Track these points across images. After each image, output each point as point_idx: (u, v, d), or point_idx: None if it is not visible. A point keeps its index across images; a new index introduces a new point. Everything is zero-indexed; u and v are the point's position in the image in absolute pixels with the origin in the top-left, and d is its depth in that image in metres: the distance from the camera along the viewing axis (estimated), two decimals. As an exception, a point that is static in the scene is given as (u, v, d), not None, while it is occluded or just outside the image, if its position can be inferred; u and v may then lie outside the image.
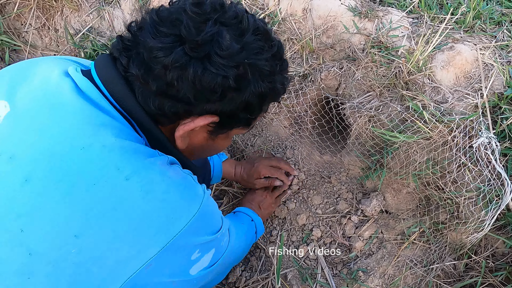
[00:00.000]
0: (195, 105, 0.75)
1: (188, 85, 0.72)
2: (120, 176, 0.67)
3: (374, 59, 1.50)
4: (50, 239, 0.63)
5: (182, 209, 0.72)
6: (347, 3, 1.66)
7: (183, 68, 0.70)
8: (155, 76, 0.72)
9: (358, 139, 1.53)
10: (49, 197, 0.64)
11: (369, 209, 1.54)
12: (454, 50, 1.43)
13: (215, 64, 0.71)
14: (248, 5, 1.78)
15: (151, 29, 0.72)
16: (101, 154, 0.67)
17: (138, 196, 0.67)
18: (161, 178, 0.71)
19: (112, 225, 0.65)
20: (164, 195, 0.70)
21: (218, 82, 0.72)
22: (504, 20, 1.59)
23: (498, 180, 1.26)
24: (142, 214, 0.67)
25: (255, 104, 0.80)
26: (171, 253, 0.70)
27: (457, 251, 1.41)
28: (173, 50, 0.70)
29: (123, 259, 0.66)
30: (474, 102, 1.36)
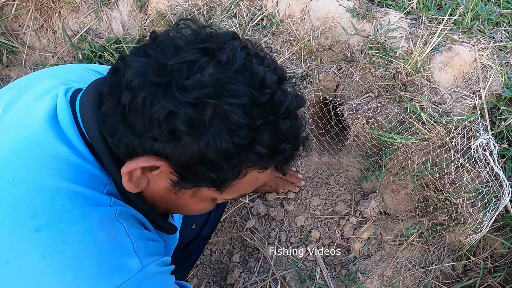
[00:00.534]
0: (144, 141, 0.62)
1: (137, 112, 0.60)
2: (31, 225, 0.56)
3: (372, 60, 1.51)
4: None
5: (88, 285, 0.57)
6: (345, 4, 1.66)
7: (136, 91, 0.59)
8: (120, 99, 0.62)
9: (356, 140, 1.53)
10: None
11: (368, 210, 1.54)
12: (452, 51, 1.43)
13: (169, 95, 0.58)
14: (246, 6, 1.78)
15: (138, 51, 0.64)
16: (25, 193, 0.58)
17: (40, 256, 0.55)
18: (81, 237, 0.58)
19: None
20: (71, 262, 0.56)
21: (163, 116, 0.58)
22: (502, 21, 1.59)
23: (496, 181, 1.25)
24: (34, 277, 0.55)
25: (218, 162, 0.62)
26: None
27: (455, 252, 1.41)
28: (144, 71, 0.60)
29: None
30: (472, 103, 1.36)
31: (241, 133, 0.60)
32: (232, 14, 1.79)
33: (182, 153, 0.61)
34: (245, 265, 1.59)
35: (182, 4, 1.84)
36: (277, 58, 1.70)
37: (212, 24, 1.78)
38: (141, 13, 1.91)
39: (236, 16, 1.78)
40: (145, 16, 1.90)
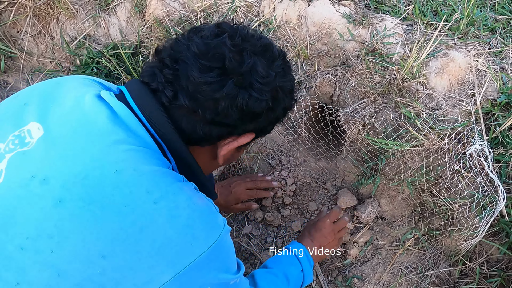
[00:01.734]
0: (238, 128, 0.84)
1: (237, 111, 0.80)
2: (149, 199, 0.70)
3: (369, 66, 1.51)
4: (79, 260, 0.64)
5: (202, 236, 0.74)
6: (341, 10, 1.67)
7: (233, 98, 0.78)
8: (205, 107, 0.78)
9: (353, 145, 1.53)
10: (81, 218, 0.66)
11: (365, 216, 1.54)
12: (448, 57, 1.44)
13: (258, 91, 0.80)
14: (243, 12, 1.79)
15: (194, 62, 0.77)
16: (132, 178, 0.70)
17: (164, 220, 0.70)
18: (187, 203, 0.74)
19: (137, 247, 0.67)
20: (187, 220, 0.72)
21: (263, 107, 0.82)
22: (497, 27, 1.60)
23: (491, 187, 1.26)
24: (165, 238, 0.69)
25: (282, 117, 0.93)
26: (183, 282, 0.71)
27: (452, 257, 1.41)
28: (223, 84, 0.77)
29: (140, 282, 0.67)
30: (467, 109, 1.36)
31: (292, 94, 0.93)
32: (229, 20, 1.80)
33: (264, 123, 0.88)
34: (241, 271, 1.58)
35: (180, 10, 1.85)
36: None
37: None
38: (139, 19, 1.92)
39: (233, 21, 1.79)
40: (142, 22, 1.91)
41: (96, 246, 0.65)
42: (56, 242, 0.64)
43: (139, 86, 0.83)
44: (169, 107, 0.80)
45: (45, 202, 0.66)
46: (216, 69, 0.77)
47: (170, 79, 0.79)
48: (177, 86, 0.79)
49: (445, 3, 1.74)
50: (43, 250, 0.64)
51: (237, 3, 1.78)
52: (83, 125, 0.75)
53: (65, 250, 0.64)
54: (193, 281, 0.73)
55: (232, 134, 0.86)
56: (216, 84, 0.77)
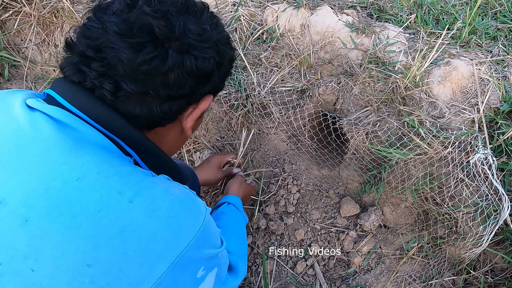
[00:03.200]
0: (196, 94, 0.81)
1: (190, 78, 0.76)
2: (123, 199, 0.67)
3: (372, 74, 1.52)
4: (63, 273, 0.62)
5: (188, 224, 0.72)
6: (344, 19, 1.68)
7: (181, 66, 0.74)
8: (155, 86, 0.74)
9: (356, 154, 1.53)
10: (53, 233, 0.62)
11: (368, 224, 1.53)
12: (451, 65, 1.44)
13: (202, 50, 0.77)
14: (247, 21, 1.80)
15: (121, 44, 0.70)
16: (98, 182, 0.67)
17: (144, 216, 0.67)
18: (164, 195, 0.71)
19: (122, 247, 0.64)
20: (169, 211, 0.70)
21: (212, 64, 0.79)
22: (499, 35, 1.60)
23: (495, 196, 1.26)
24: (149, 233, 0.67)
25: (230, 70, 0.91)
26: (179, 270, 0.70)
27: (456, 266, 1.41)
28: (165, 55, 0.72)
29: (135, 280, 0.65)
30: (470, 117, 1.36)
31: (230, 43, 0.89)
32: (232, 28, 1.81)
33: (217, 81, 0.85)
34: (244, 280, 1.58)
35: (183, 18, 1.86)
36: (277, 72, 1.71)
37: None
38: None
39: (237, 30, 1.80)
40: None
41: (77, 256, 0.62)
42: (34, 261, 0.61)
43: (70, 86, 0.75)
44: (116, 100, 0.74)
45: (10, 224, 0.62)
46: (149, 42, 0.71)
47: (103, 71, 0.72)
48: (114, 76, 0.72)
49: (447, 12, 1.75)
50: (22, 271, 0.61)
51: (241, 12, 1.79)
52: (23, 138, 0.69)
53: (46, 267, 0.61)
54: (189, 265, 0.72)
55: (191, 103, 0.83)
56: (157, 58, 0.71)
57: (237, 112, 1.73)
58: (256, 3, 1.87)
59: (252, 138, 1.80)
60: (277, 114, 1.66)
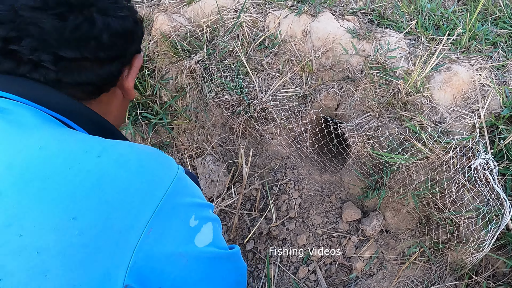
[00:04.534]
0: (127, 54, 0.85)
1: (118, 38, 0.79)
2: (91, 156, 0.67)
3: (373, 80, 1.53)
4: (49, 231, 0.62)
5: (161, 173, 0.72)
6: (345, 25, 1.69)
7: (108, 27, 0.76)
8: (91, 49, 0.76)
9: (358, 159, 1.54)
10: (27, 198, 0.63)
11: (370, 229, 1.54)
12: (451, 71, 1.45)
13: (118, 10, 0.79)
14: (249, 27, 1.82)
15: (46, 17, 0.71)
16: (60, 146, 0.68)
17: (116, 168, 0.67)
18: (130, 150, 0.71)
19: (102, 197, 0.65)
20: (139, 162, 0.70)
21: (131, 21, 0.83)
22: (499, 41, 1.61)
23: (497, 200, 1.26)
24: (125, 182, 0.67)
25: (143, 29, 0.90)
26: (166, 215, 0.69)
27: (457, 271, 1.41)
28: (91, 19, 0.74)
29: (124, 227, 0.65)
30: (471, 122, 1.37)
31: None
32: (235, 35, 1.83)
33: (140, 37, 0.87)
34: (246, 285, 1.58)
35: (186, 25, 1.88)
36: (279, 77, 1.73)
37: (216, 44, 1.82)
38: (146, 34, 1.94)
39: (239, 36, 1.81)
40: (149, 37, 1.93)
41: (60, 212, 0.62)
42: (18, 227, 0.61)
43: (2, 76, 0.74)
44: (59, 73, 0.75)
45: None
46: (71, 12, 0.73)
47: (36, 45, 0.72)
48: (49, 48, 0.73)
49: (447, 18, 1.76)
50: (9, 239, 0.61)
51: (243, 19, 1.81)
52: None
53: (32, 229, 0.61)
54: (175, 210, 0.71)
55: (125, 64, 0.86)
56: (85, 23, 0.74)
57: (239, 118, 1.74)
58: (258, 9, 1.89)
59: (254, 144, 1.81)
60: (279, 119, 1.67)
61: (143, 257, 0.66)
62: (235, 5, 1.88)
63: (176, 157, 2.05)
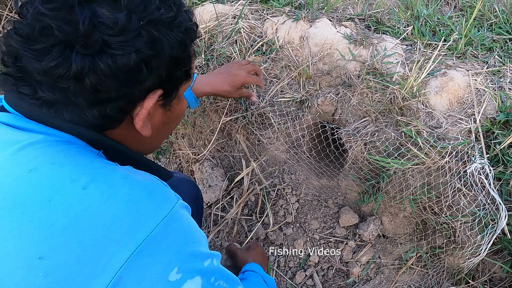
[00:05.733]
0: (133, 93, 0.70)
1: (111, 81, 0.66)
2: (76, 187, 0.62)
3: (370, 85, 1.53)
4: (16, 269, 0.58)
5: (150, 210, 0.64)
6: (342, 31, 1.70)
7: (94, 68, 0.64)
8: (75, 92, 0.66)
9: (355, 164, 1.55)
10: (6, 227, 0.59)
11: (367, 234, 1.54)
12: (447, 76, 1.46)
13: (118, 46, 0.64)
14: (247, 33, 1.83)
15: (28, 53, 0.64)
16: (51, 172, 0.63)
17: (99, 203, 0.61)
18: (123, 181, 0.65)
19: (77, 236, 0.59)
20: (127, 197, 0.64)
21: (135, 59, 0.66)
22: (495, 46, 1.63)
23: (493, 205, 1.26)
24: (105, 221, 0.61)
25: (181, 55, 0.75)
26: (142, 263, 0.61)
27: (454, 276, 1.41)
28: (70, 60, 0.63)
29: (93, 273, 0.59)
30: (467, 127, 1.38)
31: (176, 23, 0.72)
32: (233, 40, 1.84)
33: (162, 72, 0.72)
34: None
35: (184, 31, 1.88)
36: (276, 83, 1.74)
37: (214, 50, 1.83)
38: None
39: (237, 42, 1.83)
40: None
41: (29, 249, 0.58)
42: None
43: (13, 94, 0.70)
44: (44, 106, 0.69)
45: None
46: (53, 47, 0.62)
47: (20, 76, 0.67)
48: (31, 81, 0.67)
49: (443, 24, 1.78)
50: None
51: (241, 25, 1.82)
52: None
53: (3, 263, 0.58)
54: (154, 260, 0.62)
55: (135, 101, 0.72)
56: (62, 65, 0.62)
57: (237, 123, 1.75)
58: (256, 16, 1.90)
59: (251, 149, 1.82)
60: (277, 125, 1.68)
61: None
62: (233, 11, 1.90)
63: (174, 162, 2.06)
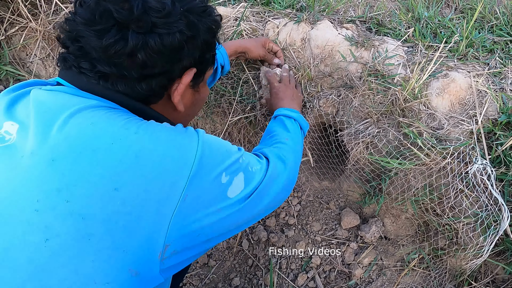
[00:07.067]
0: (174, 70, 0.84)
1: (158, 57, 0.79)
2: (130, 132, 0.75)
3: (371, 87, 1.53)
4: (95, 200, 0.69)
5: (186, 144, 0.79)
6: (344, 33, 1.70)
7: (145, 45, 0.77)
8: (127, 67, 0.79)
9: (356, 165, 1.54)
10: (78, 167, 0.70)
11: (369, 236, 1.54)
12: (449, 78, 1.46)
13: (165, 26, 0.78)
14: (248, 35, 1.83)
15: (89, 32, 0.76)
16: (107, 124, 0.75)
17: (150, 143, 0.75)
18: (160, 127, 0.79)
19: (141, 171, 0.72)
20: (168, 137, 0.78)
21: (179, 38, 0.79)
22: (496, 48, 1.63)
23: (495, 206, 1.26)
24: (159, 156, 0.74)
25: (211, 40, 0.89)
26: (198, 181, 0.76)
27: (457, 277, 1.40)
28: (126, 38, 0.76)
29: (162, 197, 0.72)
30: (469, 128, 1.38)
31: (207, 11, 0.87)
32: (233, 42, 1.84)
33: (197, 53, 0.86)
34: (246, 291, 1.58)
35: (185, 33, 1.89)
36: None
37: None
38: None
39: None
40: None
41: (105, 183, 0.70)
42: (66, 192, 0.68)
43: (72, 72, 0.83)
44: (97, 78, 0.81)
45: (41, 166, 0.71)
46: (112, 27, 0.76)
47: (80, 54, 0.80)
48: (90, 59, 0.79)
49: (444, 26, 1.78)
50: (58, 204, 0.68)
51: (242, 27, 1.82)
52: (43, 109, 0.79)
53: (79, 197, 0.69)
54: (207, 174, 0.78)
55: (173, 78, 0.87)
56: (119, 42, 0.76)
57: (239, 124, 1.75)
58: (257, 18, 1.91)
59: (253, 150, 1.82)
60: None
61: (181, 220, 0.74)
62: (235, 13, 1.90)
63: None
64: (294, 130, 1.30)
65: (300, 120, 1.36)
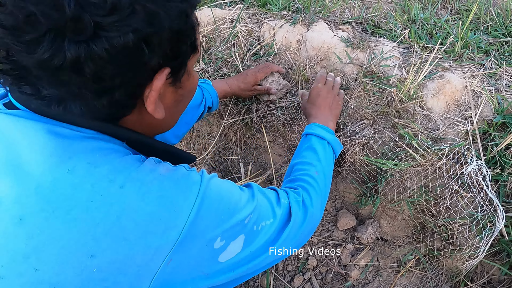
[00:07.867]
0: (139, 75, 0.64)
1: (112, 65, 0.59)
2: (114, 186, 0.64)
3: (367, 88, 1.54)
4: (68, 267, 0.60)
5: (181, 200, 0.69)
6: (339, 34, 1.71)
7: (90, 55, 0.56)
8: (78, 84, 0.60)
9: (353, 166, 1.55)
10: (50, 229, 0.60)
11: (365, 237, 1.54)
12: (444, 79, 1.47)
13: (112, 27, 0.56)
14: (244, 37, 1.84)
15: (18, 46, 0.55)
16: (88, 172, 0.63)
17: (137, 200, 0.65)
18: (152, 176, 0.68)
19: (122, 233, 0.63)
20: (160, 192, 0.67)
21: (133, 39, 0.58)
22: (491, 49, 1.63)
23: (490, 206, 1.26)
24: (146, 216, 0.65)
25: (184, 27, 0.66)
26: (187, 245, 0.68)
27: (453, 278, 1.40)
28: (63, 49, 0.55)
29: (143, 262, 0.64)
30: (464, 129, 1.38)
31: None
32: (230, 44, 1.84)
33: (165, 48, 0.64)
34: (242, 293, 1.58)
35: (182, 35, 1.89)
36: (273, 86, 1.74)
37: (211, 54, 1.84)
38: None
39: (235, 46, 1.83)
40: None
41: (79, 250, 0.60)
42: (35, 260, 0.59)
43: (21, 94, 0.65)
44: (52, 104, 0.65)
45: (6, 224, 0.59)
46: (43, 36, 0.54)
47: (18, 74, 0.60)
48: (31, 79, 0.60)
49: (440, 27, 1.78)
50: (26, 271, 0.59)
51: (238, 29, 1.83)
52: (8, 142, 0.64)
53: (49, 264, 0.59)
54: (198, 239, 0.69)
55: (142, 84, 0.66)
56: (57, 54, 0.55)
57: (235, 126, 1.75)
58: (253, 20, 1.91)
59: (249, 151, 1.82)
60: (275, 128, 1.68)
61: (161, 284, 0.66)
62: (231, 15, 1.90)
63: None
64: (326, 158, 1.18)
65: (334, 144, 1.24)
